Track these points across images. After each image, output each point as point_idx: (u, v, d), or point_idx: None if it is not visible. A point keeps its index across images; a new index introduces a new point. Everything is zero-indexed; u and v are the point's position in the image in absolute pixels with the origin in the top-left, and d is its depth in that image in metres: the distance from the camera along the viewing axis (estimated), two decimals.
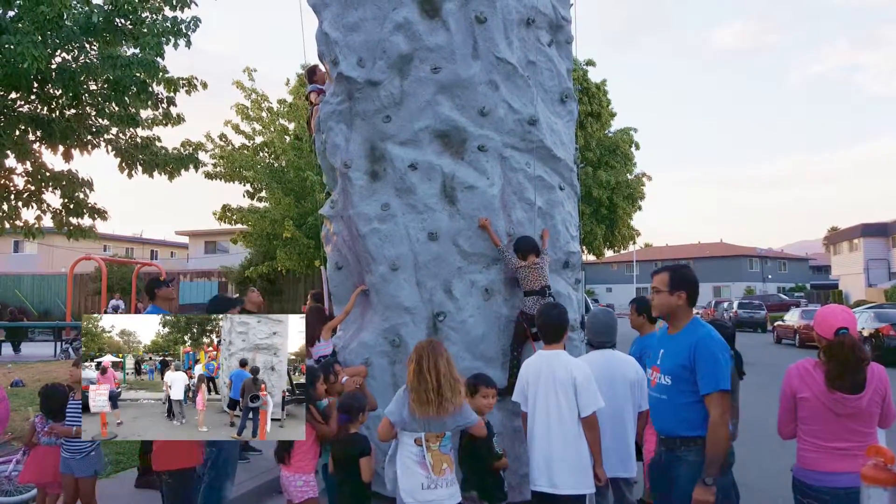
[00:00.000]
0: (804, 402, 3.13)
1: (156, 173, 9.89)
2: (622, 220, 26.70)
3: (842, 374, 3.02)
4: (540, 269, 5.26)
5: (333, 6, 5.83)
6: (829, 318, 3.16)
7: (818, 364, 3.15)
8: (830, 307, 3.30)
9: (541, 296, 5.20)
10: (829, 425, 3.06)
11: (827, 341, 3.13)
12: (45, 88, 8.45)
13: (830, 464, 3.05)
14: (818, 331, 3.20)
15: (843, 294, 46.68)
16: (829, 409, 3.05)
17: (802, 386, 3.15)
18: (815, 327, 3.23)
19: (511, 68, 5.60)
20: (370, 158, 5.76)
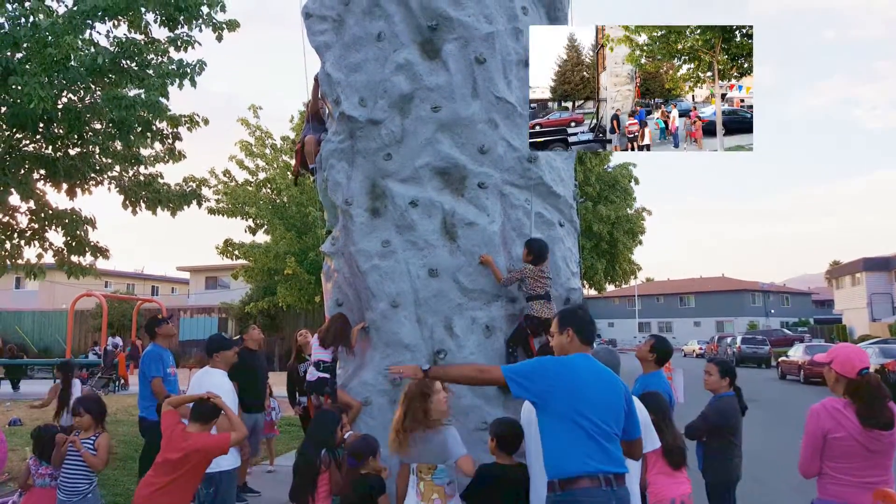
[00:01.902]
0: (838, 441, 3.21)
1: (159, 210, 9.96)
2: (623, 255, 26.74)
3: (874, 413, 3.14)
4: (545, 276, 5.30)
5: (336, 48, 5.94)
6: (852, 358, 3.28)
7: (847, 404, 3.24)
8: (848, 347, 3.42)
9: (546, 300, 5.25)
10: (862, 461, 3.18)
11: (849, 381, 3.24)
12: (50, 128, 8.56)
13: (859, 496, 3.16)
14: (839, 370, 3.28)
15: (847, 329, 46.41)
16: (864, 446, 3.16)
17: (835, 426, 3.22)
18: (836, 367, 3.31)
19: (510, 107, 5.68)
20: (371, 195, 5.80)
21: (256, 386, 7.32)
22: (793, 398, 18.21)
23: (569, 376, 3.01)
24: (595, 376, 3.06)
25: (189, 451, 3.95)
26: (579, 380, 3.00)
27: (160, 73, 8.45)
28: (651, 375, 4.76)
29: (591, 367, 3.09)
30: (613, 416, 2.99)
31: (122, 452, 8.59)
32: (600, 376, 3.08)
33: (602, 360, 4.45)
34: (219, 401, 4.22)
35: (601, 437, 2.92)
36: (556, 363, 3.11)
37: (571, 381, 2.99)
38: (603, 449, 2.90)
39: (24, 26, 7.73)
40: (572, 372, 3.03)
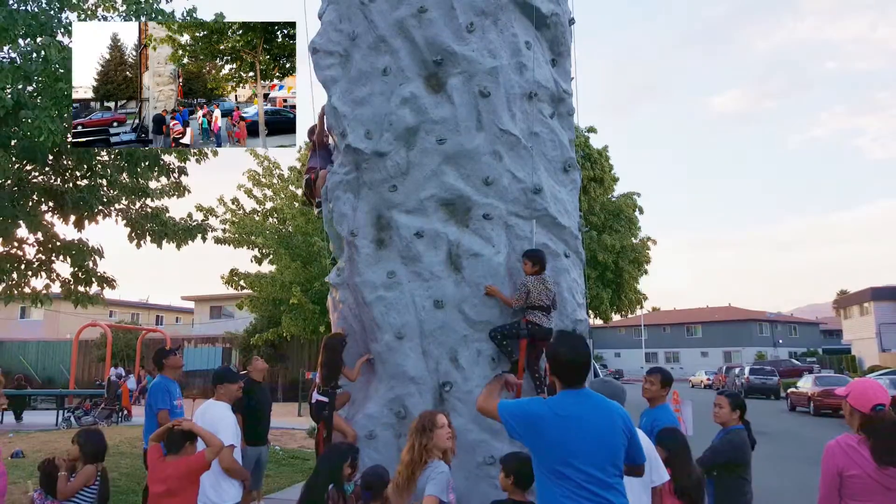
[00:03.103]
0: (853, 480, 3.15)
1: (164, 242, 10.02)
2: (628, 284, 26.66)
3: (889, 450, 3.08)
4: (549, 286, 5.31)
5: (342, 82, 6.02)
6: (867, 393, 3.22)
7: (862, 440, 3.18)
8: (866, 381, 3.37)
9: (547, 312, 5.24)
10: (882, 498, 3.11)
11: (863, 416, 3.19)
12: (59, 160, 8.66)
13: None
14: (854, 404, 3.24)
15: (857, 359, 45.93)
16: (881, 484, 3.10)
17: (850, 464, 3.17)
18: (851, 401, 3.26)
19: (514, 139, 5.72)
20: (376, 227, 5.82)
21: (260, 418, 7.25)
22: (804, 431, 17.95)
23: (556, 424, 2.82)
24: (587, 415, 2.85)
25: (168, 480, 4.04)
26: (567, 426, 2.81)
27: None
28: (658, 409, 4.69)
29: (583, 405, 2.89)
30: (610, 457, 2.82)
31: (125, 485, 8.49)
32: (594, 413, 2.88)
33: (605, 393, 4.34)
34: (187, 425, 4.25)
35: (595, 485, 2.75)
36: (543, 408, 2.92)
37: (559, 429, 2.81)
38: (597, 499, 2.75)
39: (35, 61, 7.87)
40: (560, 418, 2.83)
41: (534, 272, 5.33)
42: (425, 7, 5.74)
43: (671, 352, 69.57)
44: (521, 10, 5.95)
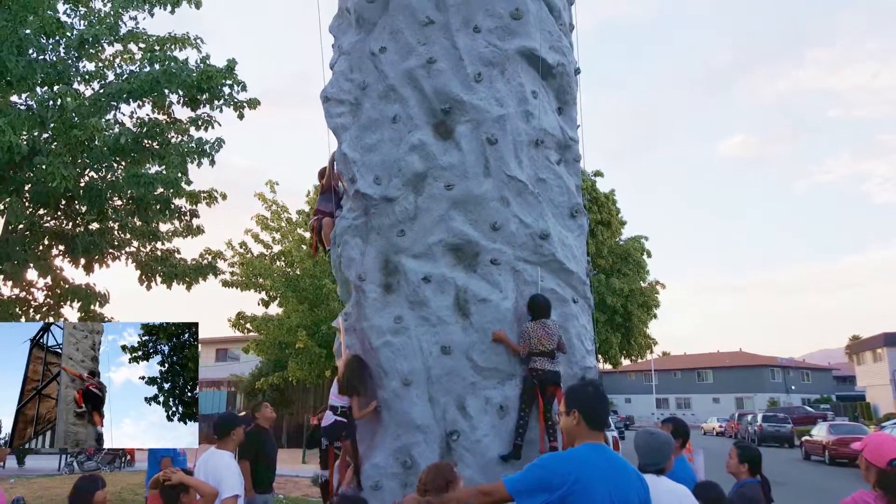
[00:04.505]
0: None
1: (174, 284, 10.05)
2: (638, 329, 26.48)
3: None
4: (551, 331, 5.26)
5: (353, 129, 6.12)
6: (882, 447, 3.16)
7: (878, 497, 3.10)
8: (880, 435, 3.31)
9: (550, 357, 5.19)
10: None
11: (880, 471, 3.12)
12: (71, 205, 8.77)
13: None
14: (869, 458, 3.18)
15: (872, 407, 45.06)
16: None
17: None
18: (867, 455, 3.21)
19: (521, 185, 5.76)
20: (384, 271, 5.83)
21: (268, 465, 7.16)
22: (820, 481, 17.51)
23: (571, 481, 2.69)
24: (603, 474, 2.73)
25: None
26: (582, 486, 2.68)
27: (180, 151, 8.71)
28: (676, 462, 4.57)
29: (598, 463, 2.77)
30: None
31: None
32: (611, 473, 2.76)
33: (645, 443, 4.14)
34: (176, 478, 4.19)
35: None
36: (555, 463, 2.81)
37: (573, 488, 2.67)
38: None
39: (51, 108, 8.05)
40: (575, 476, 2.71)
41: (532, 318, 5.33)
42: (434, 58, 5.87)
43: (682, 398, 68.52)
44: (527, 61, 6.06)
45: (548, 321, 5.38)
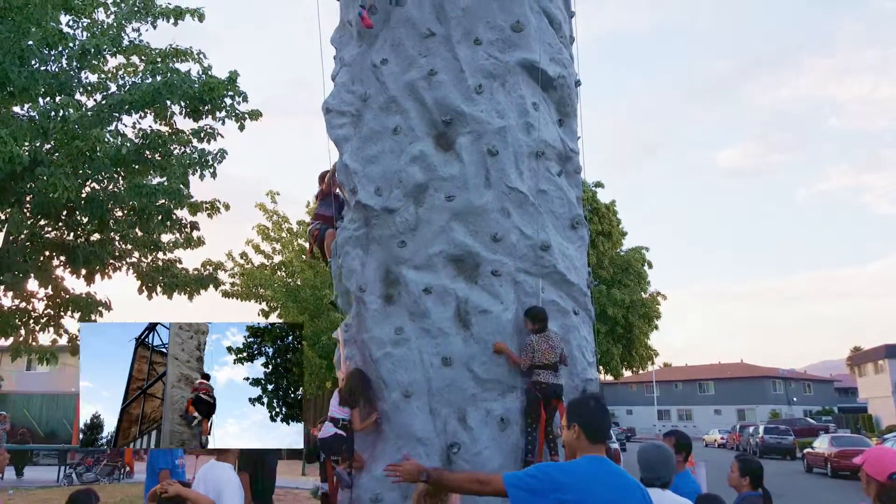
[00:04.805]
0: None
1: (175, 294, 10.05)
2: (639, 340, 26.45)
3: None
4: (553, 343, 5.24)
5: (354, 140, 6.13)
6: (883, 461, 3.16)
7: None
8: (881, 449, 3.32)
9: (553, 370, 5.17)
10: None
11: (880, 485, 3.11)
12: (73, 216, 8.78)
13: None
14: (869, 471, 3.18)
15: (874, 419, 44.88)
16: None
17: None
18: (867, 469, 3.20)
19: (522, 197, 5.77)
20: (385, 282, 5.83)
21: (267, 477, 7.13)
22: (822, 494, 17.42)
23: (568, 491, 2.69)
24: (604, 486, 2.72)
25: None
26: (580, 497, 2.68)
27: (182, 162, 8.73)
28: (679, 476, 4.55)
29: (599, 476, 2.76)
30: None
31: None
32: (610, 485, 2.75)
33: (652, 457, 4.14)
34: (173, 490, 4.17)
35: None
36: (557, 472, 2.79)
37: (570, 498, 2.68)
38: None
39: (53, 118, 8.07)
40: (575, 487, 2.70)
41: (535, 329, 5.30)
42: (435, 70, 5.90)
43: (683, 409, 68.28)
44: (528, 73, 6.09)
45: (550, 333, 5.36)
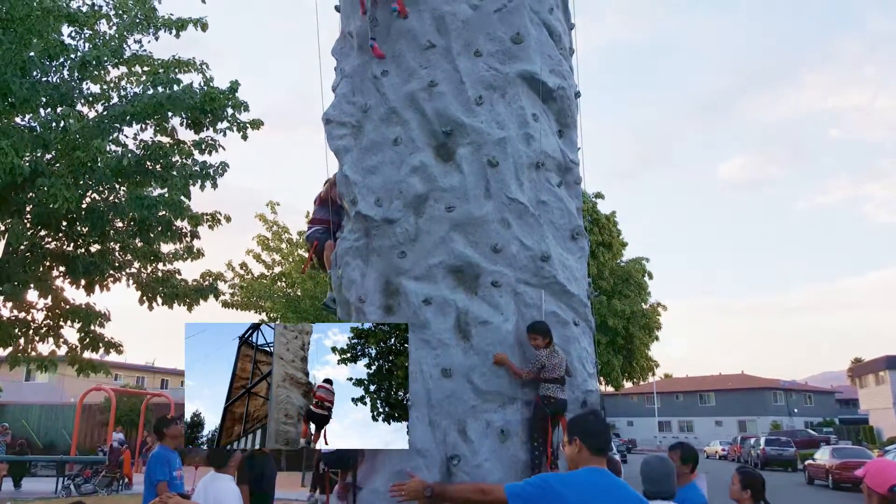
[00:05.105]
0: None
1: (175, 305, 10.03)
2: (639, 351, 26.40)
3: None
4: (561, 357, 5.25)
5: (354, 151, 6.15)
6: (884, 473, 3.16)
7: None
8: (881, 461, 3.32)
9: (561, 384, 5.17)
10: None
11: (881, 497, 3.11)
12: (73, 226, 8.78)
13: None
14: (870, 484, 3.18)
15: (875, 430, 44.69)
16: None
17: None
18: (868, 482, 3.20)
19: (522, 207, 5.77)
20: (385, 293, 5.82)
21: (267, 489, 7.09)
22: None
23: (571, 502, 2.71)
24: (604, 497, 2.75)
25: None
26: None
27: (183, 174, 8.75)
28: (688, 488, 4.53)
29: (599, 487, 2.79)
30: None
31: None
32: (610, 496, 2.77)
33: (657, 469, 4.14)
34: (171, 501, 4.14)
35: None
36: (558, 483, 2.82)
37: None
38: None
39: (55, 129, 8.09)
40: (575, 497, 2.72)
41: (545, 344, 5.27)
42: (435, 81, 5.92)
43: (684, 421, 68.00)
44: (528, 85, 6.11)
45: (556, 347, 5.34)
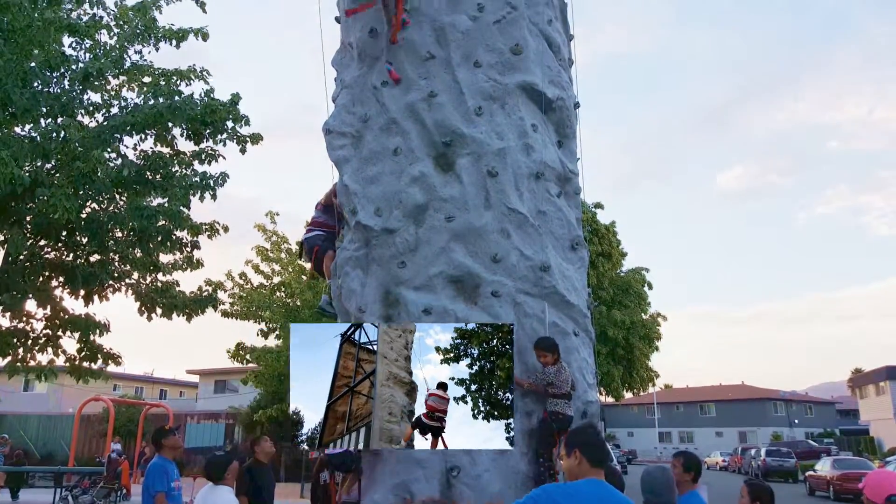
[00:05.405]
0: None
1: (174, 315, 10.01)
2: (640, 361, 26.31)
3: None
4: (568, 373, 5.23)
5: (354, 161, 6.16)
6: (882, 484, 3.21)
7: None
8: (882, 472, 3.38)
9: (568, 399, 5.17)
10: None
11: None
12: (72, 236, 8.78)
13: None
14: (869, 495, 3.23)
15: (876, 441, 44.53)
16: None
17: None
18: (867, 493, 3.25)
19: (522, 218, 5.78)
20: (384, 303, 5.81)
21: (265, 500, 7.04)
22: None
23: None
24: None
25: None
26: None
27: (183, 184, 8.75)
28: (689, 496, 4.51)
29: (599, 497, 2.83)
30: None
31: None
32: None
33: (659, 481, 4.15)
34: None
35: None
36: (560, 495, 2.86)
37: None
38: None
39: (55, 140, 8.10)
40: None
41: (554, 361, 5.25)
42: (435, 92, 5.94)
43: (685, 431, 67.73)
44: (527, 95, 6.14)
45: (563, 363, 5.31)
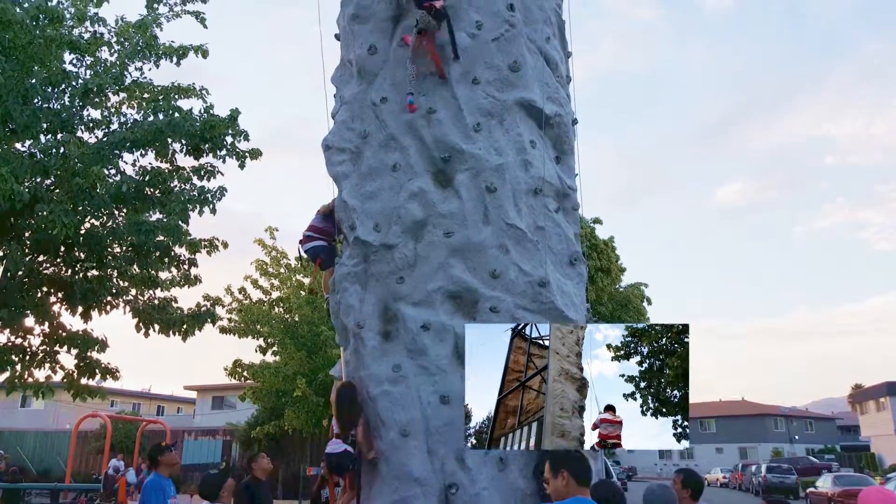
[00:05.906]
0: None
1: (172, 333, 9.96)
2: None
3: None
4: None
5: (353, 177, 6.18)
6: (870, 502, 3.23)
7: None
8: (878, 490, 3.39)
9: None
10: None
11: None
12: (71, 252, 8.77)
13: None
14: None
15: (877, 457, 44.29)
16: None
17: None
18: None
19: (521, 233, 5.78)
20: (383, 319, 5.80)
21: None
22: None
23: None
24: None
25: None
26: None
27: (182, 199, 8.76)
28: None
29: None
30: None
31: None
32: None
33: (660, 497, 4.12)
34: None
35: None
36: None
37: None
38: None
39: (55, 156, 8.12)
40: None
41: None
42: (434, 108, 5.98)
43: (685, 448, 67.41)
44: (525, 112, 6.17)
45: None
